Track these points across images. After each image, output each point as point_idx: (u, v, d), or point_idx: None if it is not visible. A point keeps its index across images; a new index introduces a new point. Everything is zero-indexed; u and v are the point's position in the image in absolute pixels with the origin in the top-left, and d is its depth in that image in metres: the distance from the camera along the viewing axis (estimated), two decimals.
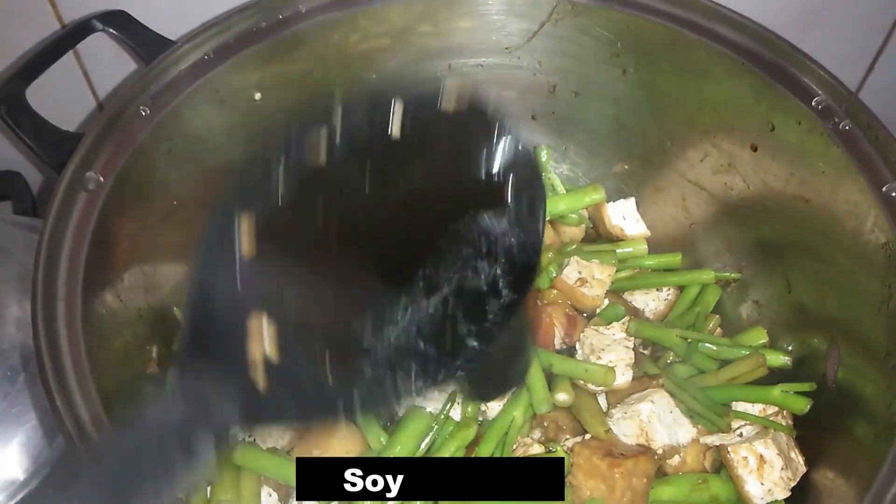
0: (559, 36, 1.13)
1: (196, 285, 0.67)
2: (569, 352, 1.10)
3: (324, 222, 0.69)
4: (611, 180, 1.27)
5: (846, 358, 0.98)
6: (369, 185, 0.69)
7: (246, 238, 0.66)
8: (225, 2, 1.07)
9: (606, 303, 1.15)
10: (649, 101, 1.15)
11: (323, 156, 0.68)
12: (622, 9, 1.08)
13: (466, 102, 0.70)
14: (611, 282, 1.15)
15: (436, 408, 0.99)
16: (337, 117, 0.69)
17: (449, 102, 0.70)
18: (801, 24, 1.27)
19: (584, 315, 1.15)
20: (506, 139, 0.69)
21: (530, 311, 1.09)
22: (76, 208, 0.91)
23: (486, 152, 0.69)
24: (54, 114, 1.00)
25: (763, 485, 0.97)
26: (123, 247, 0.96)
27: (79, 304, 0.84)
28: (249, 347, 0.65)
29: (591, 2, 1.09)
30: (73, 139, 0.96)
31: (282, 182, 0.67)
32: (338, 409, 0.68)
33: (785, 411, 1.04)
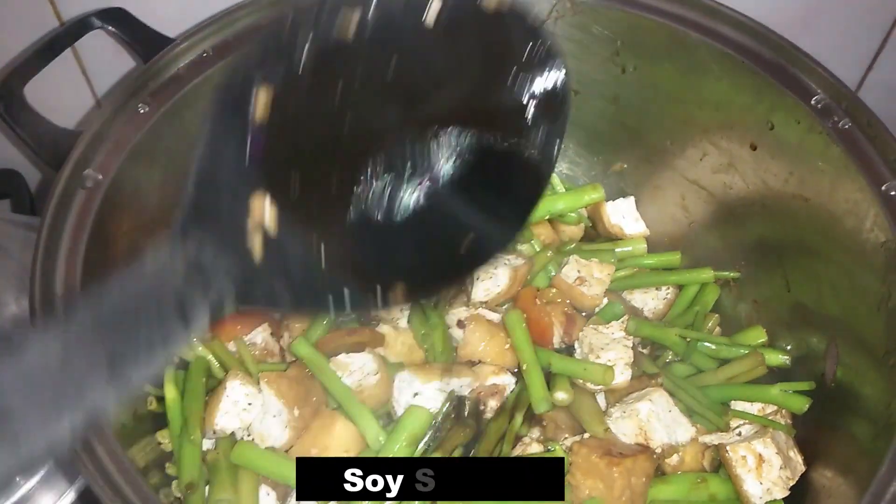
0: (559, 34, 1.12)
1: (205, 152, 0.66)
2: (568, 351, 1.10)
3: (340, 101, 0.67)
4: (610, 179, 1.27)
5: (845, 357, 0.98)
6: (392, 71, 0.67)
7: (261, 103, 0.65)
8: None
9: (605, 302, 1.14)
10: (649, 99, 1.15)
11: (352, 32, 0.66)
12: (622, 7, 1.08)
13: (508, 5, 0.68)
14: (610, 281, 1.15)
15: (435, 408, 0.99)
16: None
17: (490, 0, 0.67)
18: (800, 22, 1.27)
19: (583, 314, 1.15)
20: (541, 53, 0.67)
21: (532, 311, 1.09)
22: (74, 206, 0.91)
23: (518, 63, 0.67)
24: (52, 111, 1.00)
25: (762, 484, 0.97)
26: (121, 245, 0.96)
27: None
28: (249, 215, 0.65)
29: (592, 0, 1.09)
30: (72, 137, 0.96)
31: (306, 51, 0.65)
32: (328, 299, 0.68)
33: (784, 410, 1.04)
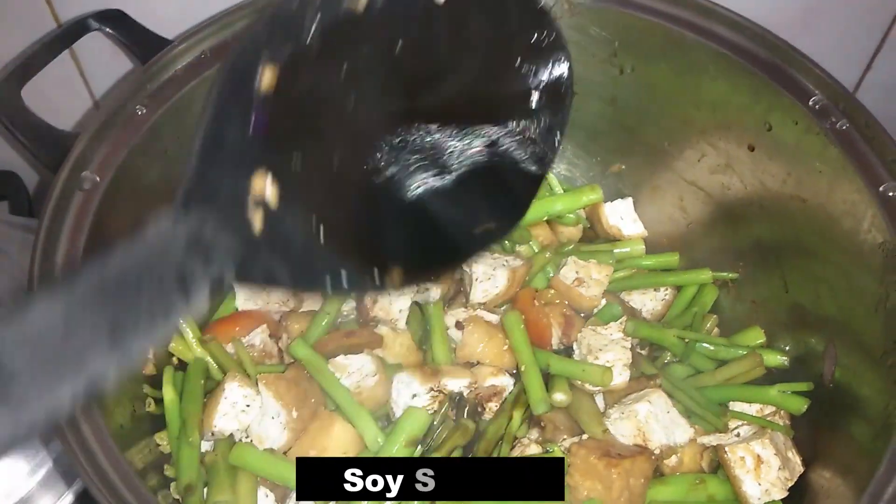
0: None
1: (209, 126, 0.65)
2: (566, 352, 1.10)
3: (345, 81, 0.67)
4: (608, 180, 1.27)
5: (843, 357, 0.98)
6: (401, 46, 0.67)
7: (267, 79, 0.64)
8: (221, 1, 1.07)
9: (604, 303, 1.14)
10: (647, 100, 1.15)
11: (362, 4, 0.66)
12: (620, 8, 1.08)
13: None
14: (608, 282, 1.15)
15: (434, 407, 0.99)
16: None
17: None
18: (798, 23, 1.27)
19: (582, 315, 1.15)
20: (550, 38, 0.67)
21: (531, 312, 1.09)
22: (72, 208, 0.91)
23: (526, 46, 0.67)
24: (50, 113, 1.00)
25: (760, 485, 0.97)
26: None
27: None
28: (251, 191, 0.65)
29: (589, 1, 1.09)
30: (69, 138, 0.96)
31: (314, 29, 0.65)
32: (325, 278, 0.68)
33: (782, 411, 1.04)
